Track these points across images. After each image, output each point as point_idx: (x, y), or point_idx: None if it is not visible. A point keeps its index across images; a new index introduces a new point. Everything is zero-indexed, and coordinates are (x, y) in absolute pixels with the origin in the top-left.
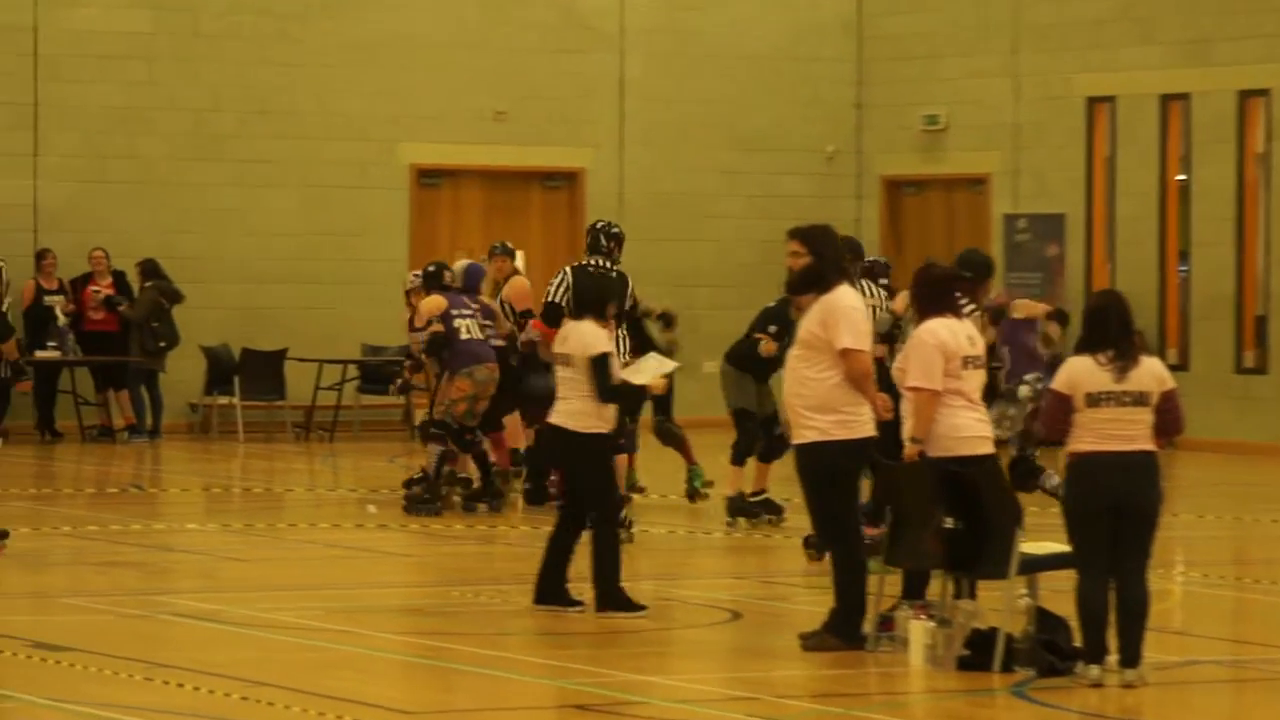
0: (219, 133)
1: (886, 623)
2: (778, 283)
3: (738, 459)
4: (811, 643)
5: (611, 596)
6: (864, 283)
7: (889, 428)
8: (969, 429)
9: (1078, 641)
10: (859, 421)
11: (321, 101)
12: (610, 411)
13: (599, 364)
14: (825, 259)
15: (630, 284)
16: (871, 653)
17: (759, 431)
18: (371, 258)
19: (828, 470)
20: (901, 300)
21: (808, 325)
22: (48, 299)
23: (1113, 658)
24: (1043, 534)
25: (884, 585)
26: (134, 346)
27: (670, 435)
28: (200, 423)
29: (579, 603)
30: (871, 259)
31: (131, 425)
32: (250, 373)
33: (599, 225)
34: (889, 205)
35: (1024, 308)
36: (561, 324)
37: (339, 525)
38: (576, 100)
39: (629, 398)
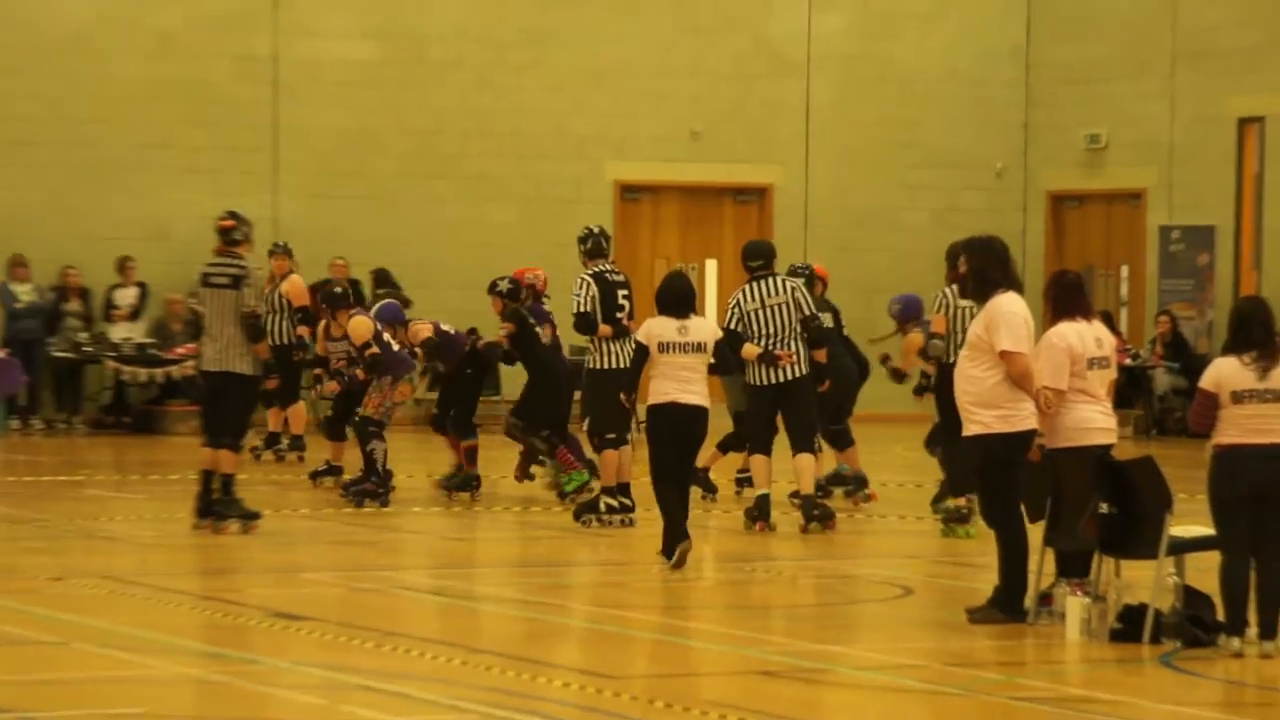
0: (443, 152)
1: (1046, 599)
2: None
3: (723, 448)
4: (977, 616)
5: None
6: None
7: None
8: (1094, 422)
9: (1220, 616)
10: (1019, 416)
11: (535, 123)
12: None
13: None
14: (986, 269)
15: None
16: (1032, 626)
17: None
18: (579, 266)
19: (991, 460)
20: (940, 322)
21: (974, 329)
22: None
23: (1253, 631)
24: (1190, 519)
25: (1044, 564)
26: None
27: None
28: (423, 416)
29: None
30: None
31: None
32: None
33: (597, 230)
34: (1053, 217)
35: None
36: (597, 329)
37: (548, 509)
38: (766, 121)
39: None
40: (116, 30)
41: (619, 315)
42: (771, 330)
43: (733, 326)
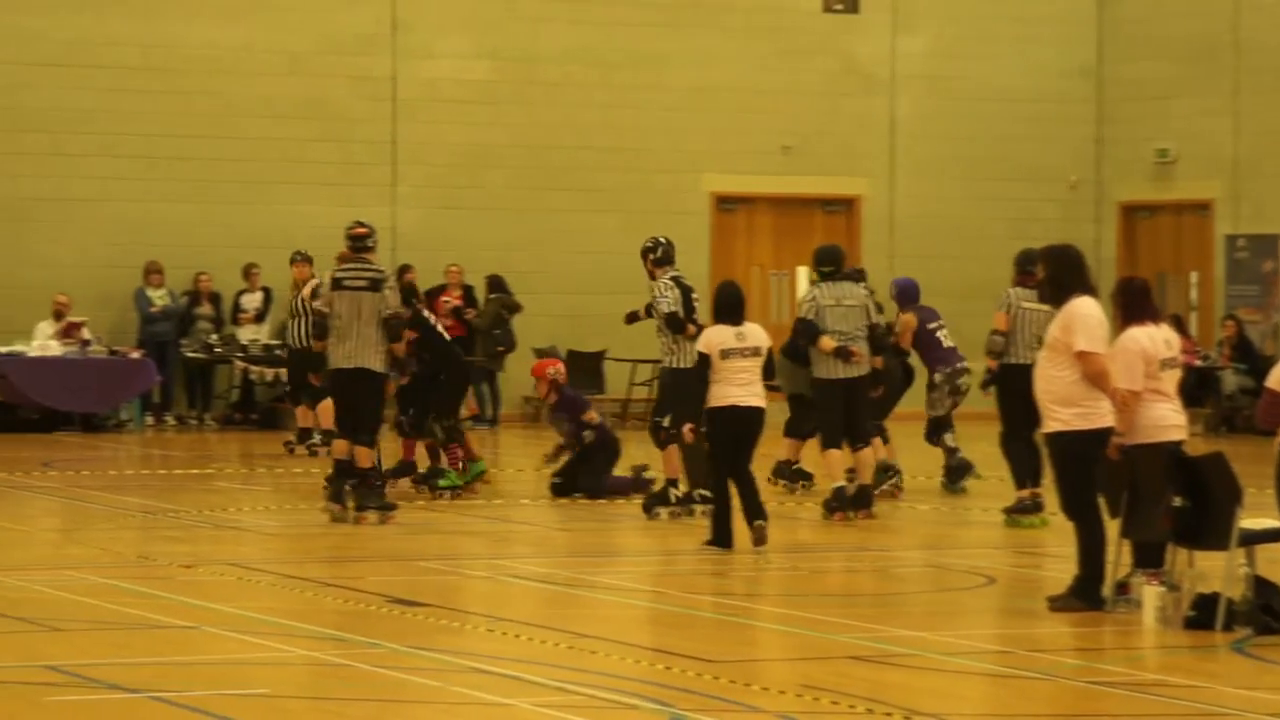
0: (551, 166)
1: (1123, 588)
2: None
3: (790, 433)
4: (1058, 604)
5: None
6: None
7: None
8: (1167, 419)
9: None
10: (1097, 413)
11: (638, 139)
12: None
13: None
14: (1063, 275)
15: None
16: (1109, 614)
17: (809, 412)
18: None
19: (1070, 455)
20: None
21: (1052, 330)
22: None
23: None
24: (1259, 511)
25: (1121, 554)
26: (478, 349)
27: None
28: (532, 414)
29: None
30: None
31: (475, 415)
32: (575, 370)
33: (665, 241)
34: (1124, 227)
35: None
36: (685, 329)
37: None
38: (854, 136)
39: None
40: (248, 54)
41: (694, 317)
42: (843, 328)
43: (809, 317)
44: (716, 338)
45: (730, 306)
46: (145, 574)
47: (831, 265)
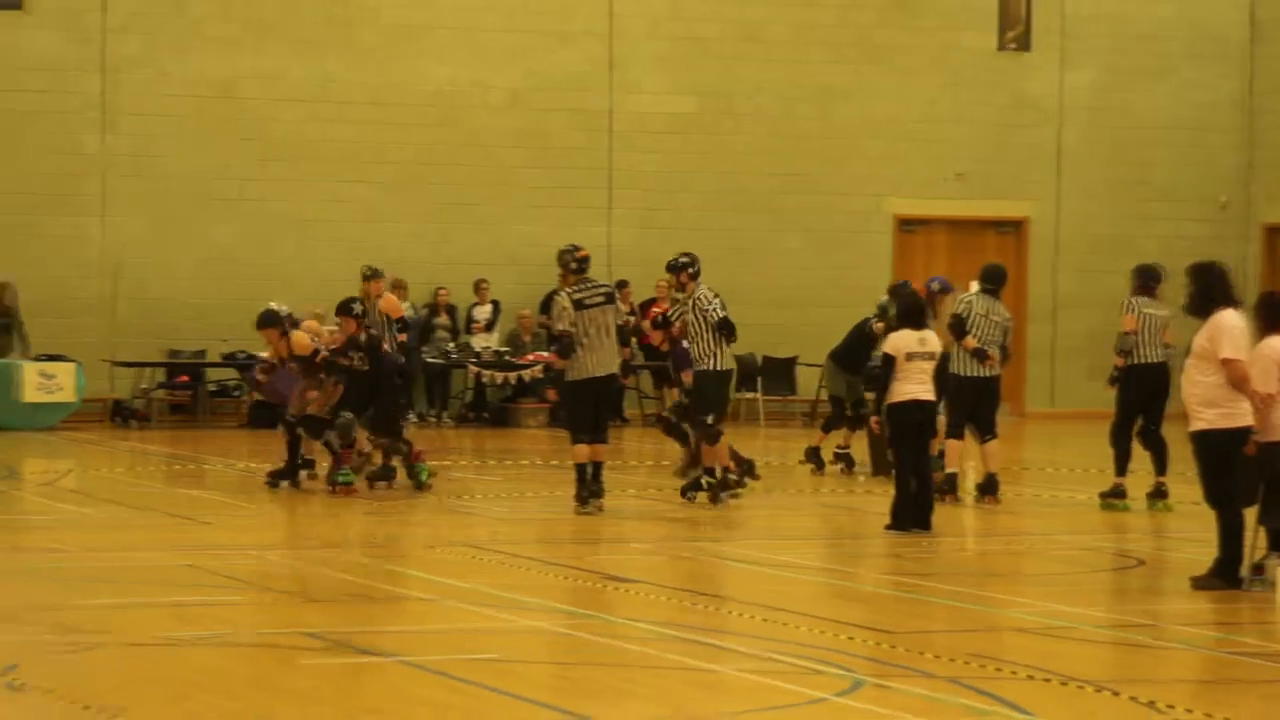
0: (744, 189)
1: (1259, 569)
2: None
3: (826, 429)
4: (1199, 584)
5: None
6: None
7: None
8: None
9: None
10: (1238, 414)
11: (823, 165)
12: None
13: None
14: (1209, 289)
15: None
16: (1246, 592)
17: (844, 411)
18: (862, 287)
19: (1213, 451)
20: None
21: (1199, 340)
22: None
23: None
24: None
25: (1258, 539)
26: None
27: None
28: (730, 412)
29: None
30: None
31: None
32: (769, 374)
33: (696, 256)
34: (1268, 246)
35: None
36: (735, 334)
37: (834, 490)
38: (1023, 163)
39: None
40: (474, 90)
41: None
42: (983, 336)
43: (962, 315)
44: (902, 342)
45: (913, 314)
46: (391, 553)
47: (993, 284)
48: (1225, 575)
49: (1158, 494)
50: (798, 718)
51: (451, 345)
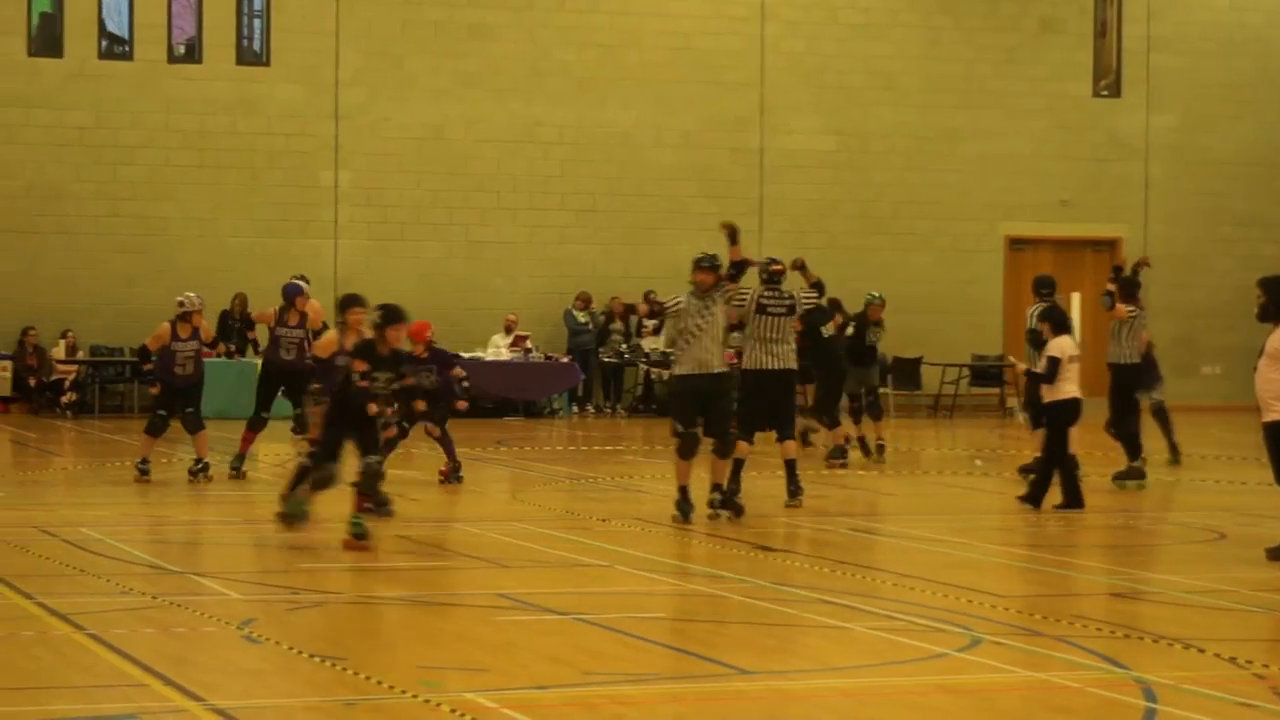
0: (878, 215)
1: None
2: (1247, 313)
3: (856, 420)
4: (1274, 554)
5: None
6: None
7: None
8: None
9: None
10: None
11: (947, 194)
12: None
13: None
14: (1277, 299)
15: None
16: None
17: (861, 404)
18: (978, 298)
19: None
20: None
21: (1272, 341)
22: None
23: None
24: None
25: None
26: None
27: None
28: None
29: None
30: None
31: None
32: (898, 372)
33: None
34: None
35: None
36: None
37: (955, 472)
38: (1116, 191)
39: None
40: (650, 131)
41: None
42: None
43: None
44: (1065, 346)
45: (1065, 325)
46: (571, 525)
47: (1047, 289)
48: None
49: (1129, 475)
50: (923, 670)
51: (624, 346)
